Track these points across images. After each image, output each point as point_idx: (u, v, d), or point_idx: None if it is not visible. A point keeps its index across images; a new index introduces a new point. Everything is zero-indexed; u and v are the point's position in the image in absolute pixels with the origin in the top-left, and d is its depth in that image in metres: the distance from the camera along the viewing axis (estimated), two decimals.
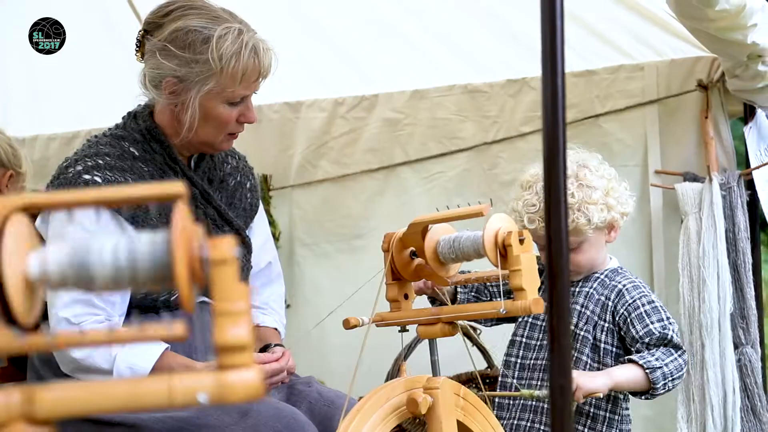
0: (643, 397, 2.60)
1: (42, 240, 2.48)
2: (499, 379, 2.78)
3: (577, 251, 2.63)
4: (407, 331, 2.33)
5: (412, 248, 2.24)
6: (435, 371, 2.23)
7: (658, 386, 2.53)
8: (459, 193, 3.62)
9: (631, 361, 2.55)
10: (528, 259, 2.06)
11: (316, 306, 3.75)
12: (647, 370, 2.52)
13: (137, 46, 2.60)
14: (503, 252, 2.08)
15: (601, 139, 3.40)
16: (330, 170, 3.81)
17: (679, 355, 2.57)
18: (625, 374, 2.54)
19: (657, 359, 2.54)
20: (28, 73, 4.12)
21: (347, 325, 2.25)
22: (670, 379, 2.54)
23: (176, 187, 1.08)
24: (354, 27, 3.71)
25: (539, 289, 2.09)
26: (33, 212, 1.07)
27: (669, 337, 2.57)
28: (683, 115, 3.36)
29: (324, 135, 3.81)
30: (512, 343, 2.78)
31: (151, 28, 2.54)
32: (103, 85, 4.12)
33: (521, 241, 2.06)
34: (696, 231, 3.19)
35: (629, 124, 3.41)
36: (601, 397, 2.56)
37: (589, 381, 2.48)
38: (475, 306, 2.17)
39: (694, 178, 3.27)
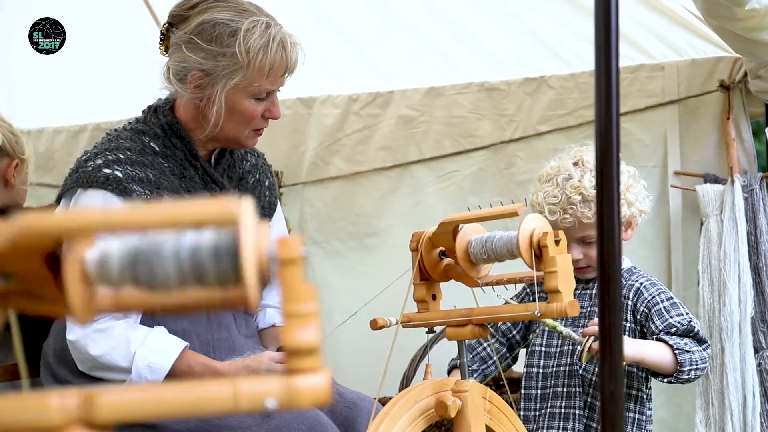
0: (665, 380, 2.55)
1: None
2: (522, 391, 2.74)
3: (593, 246, 2.60)
4: (435, 332, 2.29)
5: (441, 248, 2.20)
6: (463, 374, 2.19)
7: (684, 369, 2.48)
8: (474, 193, 3.58)
9: (659, 340, 2.51)
10: (563, 260, 2.02)
11: (327, 305, 3.70)
12: (676, 351, 2.47)
13: (161, 39, 2.55)
14: (538, 253, 2.04)
15: (621, 139, 3.35)
16: (343, 167, 3.77)
17: (704, 349, 2.54)
18: (653, 349, 2.49)
19: (686, 344, 2.50)
20: (35, 65, 4.07)
21: (375, 325, 2.21)
22: (695, 367, 2.50)
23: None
24: (369, 22, 3.66)
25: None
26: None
27: (696, 330, 2.53)
28: (704, 115, 3.32)
29: (337, 132, 3.77)
30: (532, 353, 2.74)
31: (176, 20, 2.50)
32: (110, 79, 4.08)
33: (557, 242, 2.02)
34: (717, 233, 3.15)
35: (649, 124, 3.37)
36: (624, 365, 2.51)
37: None
38: (507, 308, 2.13)
39: (715, 180, 3.23)
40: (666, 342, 2.50)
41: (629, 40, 3.37)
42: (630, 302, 2.61)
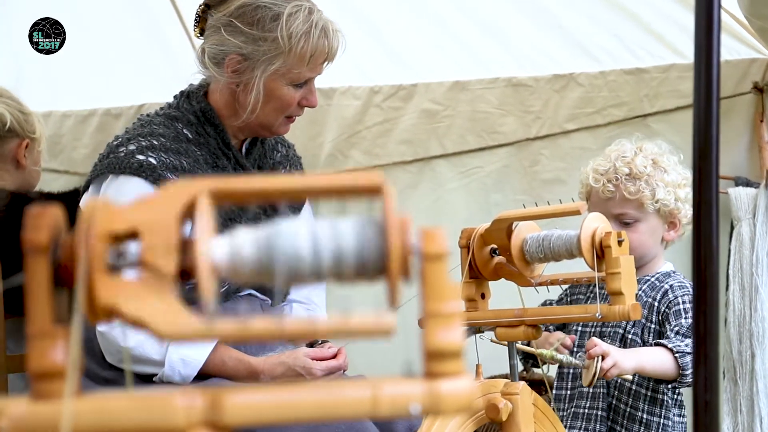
0: (669, 386, 2.49)
1: None
2: (553, 391, 2.68)
3: (631, 228, 2.52)
4: (482, 332, 2.22)
5: (493, 245, 2.13)
6: (513, 376, 2.13)
7: (687, 373, 2.35)
8: (497, 190, 3.51)
9: (659, 345, 2.42)
10: (627, 261, 1.96)
11: (345, 302, 3.62)
12: (677, 354, 2.35)
13: (196, 21, 2.47)
14: (599, 253, 1.97)
15: (650, 139, 3.30)
16: (361, 160, 3.68)
17: None
18: (652, 357, 2.37)
19: (687, 345, 2.38)
20: None
21: (423, 324, 2.13)
22: None
23: (377, 179, 0.96)
24: (394, 13, 3.58)
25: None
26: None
27: None
28: (735, 117, 3.27)
29: (357, 124, 3.68)
30: None
31: (214, 2, 2.43)
32: (122, 63, 3.98)
33: (620, 243, 1.96)
34: (749, 237, 3.10)
35: (679, 125, 3.32)
36: (630, 379, 2.44)
37: (623, 360, 2.30)
38: (564, 309, 2.07)
39: (747, 183, 3.18)
40: (665, 346, 2.42)
41: (661, 38, 3.31)
42: (656, 303, 2.55)
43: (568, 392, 2.65)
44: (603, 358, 2.21)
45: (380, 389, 0.91)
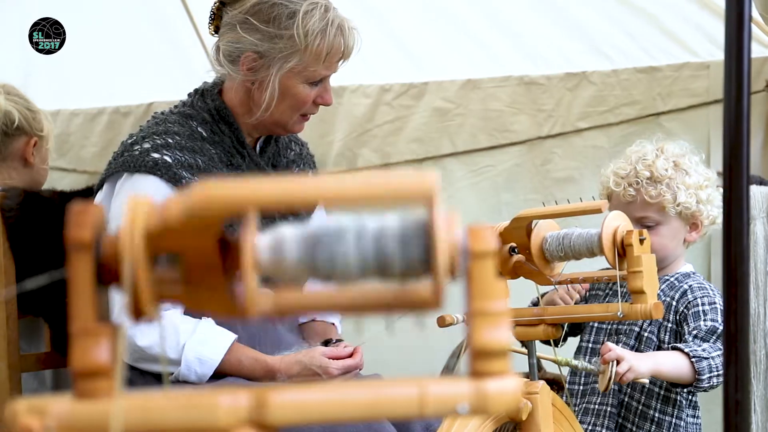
0: (684, 390, 2.47)
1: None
2: (566, 386, 2.67)
3: (653, 231, 2.48)
4: None
5: (512, 244, 2.11)
6: (533, 375, 2.12)
7: (703, 378, 2.34)
8: (509, 188, 3.50)
9: (675, 348, 2.40)
10: (648, 260, 1.95)
11: None
12: (693, 359, 2.33)
13: (211, 18, 2.46)
14: (621, 252, 1.96)
15: (670, 139, 3.30)
16: (371, 159, 3.67)
17: None
18: (668, 361, 2.35)
19: (704, 350, 2.36)
20: None
21: (442, 323, 2.13)
22: (716, 373, 2.37)
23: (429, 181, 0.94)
24: (406, 10, 3.58)
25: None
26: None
27: (720, 331, 2.44)
28: None
29: (367, 122, 3.67)
30: (579, 349, 2.67)
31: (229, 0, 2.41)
32: (131, 61, 3.97)
33: (641, 241, 1.95)
34: (763, 236, 3.09)
35: (692, 124, 3.31)
36: (647, 383, 2.43)
37: (638, 365, 2.28)
38: (585, 308, 2.06)
39: (760, 182, 3.17)
40: (682, 350, 2.40)
41: (674, 36, 3.31)
42: (674, 302, 2.53)
43: (581, 388, 2.64)
44: (618, 363, 2.20)
45: (427, 388, 0.90)
